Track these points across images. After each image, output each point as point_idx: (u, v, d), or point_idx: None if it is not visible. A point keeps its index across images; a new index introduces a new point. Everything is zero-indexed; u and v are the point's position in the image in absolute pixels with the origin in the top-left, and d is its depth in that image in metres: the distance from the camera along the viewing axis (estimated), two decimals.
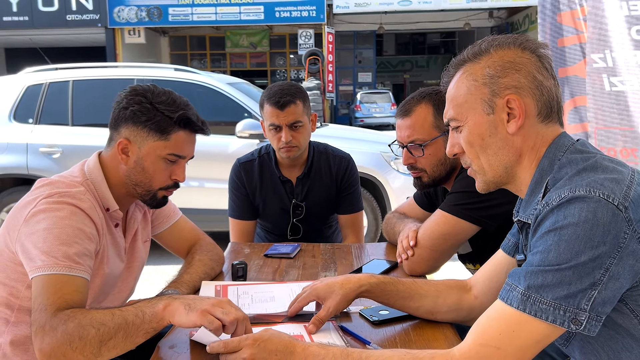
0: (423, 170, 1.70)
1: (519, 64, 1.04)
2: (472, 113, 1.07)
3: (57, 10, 16.14)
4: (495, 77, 1.04)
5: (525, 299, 0.92)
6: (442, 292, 1.29)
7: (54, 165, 4.49)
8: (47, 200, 1.28)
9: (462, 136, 1.10)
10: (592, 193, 0.90)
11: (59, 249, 1.21)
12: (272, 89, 2.08)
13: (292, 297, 1.41)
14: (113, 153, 1.42)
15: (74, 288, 1.20)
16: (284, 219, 2.23)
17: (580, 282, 0.89)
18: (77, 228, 1.27)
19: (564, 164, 1.00)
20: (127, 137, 1.39)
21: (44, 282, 1.18)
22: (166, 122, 1.38)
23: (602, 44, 2.59)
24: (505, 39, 1.07)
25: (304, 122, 2.08)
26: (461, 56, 1.11)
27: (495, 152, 1.07)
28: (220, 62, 20.18)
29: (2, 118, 4.64)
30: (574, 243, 0.89)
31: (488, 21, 19.68)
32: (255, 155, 2.25)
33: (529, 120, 1.04)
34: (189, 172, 1.52)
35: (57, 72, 4.83)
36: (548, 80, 1.04)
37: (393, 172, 4.49)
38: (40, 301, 1.15)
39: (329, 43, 17.10)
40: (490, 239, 1.50)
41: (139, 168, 1.41)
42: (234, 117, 4.62)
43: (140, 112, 1.37)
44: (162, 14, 16.53)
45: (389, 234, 1.94)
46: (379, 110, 18.47)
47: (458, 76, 1.10)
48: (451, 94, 1.12)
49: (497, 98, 1.04)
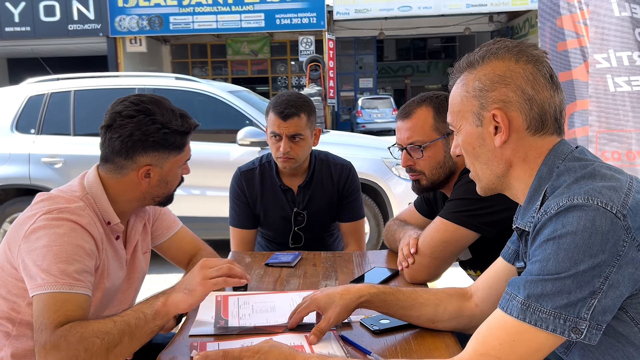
0: (422, 173, 1.70)
1: (509, 78, 1.03)
2: (464, 122, 1.10)
3: (58, 20, 16.22)
4: (483, 90, 1.05)
5: (525, 308, 0.92)
6: (443, 300, 1.29)
7: (56, 175, 4.51)
8: (47, 217, 1.27)
9: (459, 141, 1.13)
10: (591, 201, 0.90)
11: (58, 267, 1.21)
12: (279, 98, 2.10)
13: (293, 306, 1.41)
14: (129, 179, 1.41)
15: (76, 305, 1.20)
16: (285, 228, 2.23)
17: (580, 291, 0.88)
18: (77, 245, 1.26)
19: (562, 172, 1.00)
20: (149, 164, 1.40)
21: (44, 301, 1.18)
22: (183, 139, 1.43)
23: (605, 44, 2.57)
24: (502, 46, 1.06)
25: (305, 136, 2.08)
26: (460, 62, 1.12)
27: (486, 161, 1.09)
28: (221, 69, 20.23)
29: (4, 128, 4.66)
30: (573, 252, 0.88)
31: (488, 25, 19.71)
32: (257, 163, 2.25)
33: (517, 134, 1.04)
34: (191, 180, 1.55)
35: (59, 82, 4.86)
36: (543, 92, 1.03)
37: (395, 177, 4.49)
38: (41, 321, 1.16)
39: (330, 49, 17.12)
40: (490, 246, 1.50)
41: (162, 184, 1.45)
42: (235, 124, 4.63)
43: (162, 140, 1.38)
44: (163, 23, 16.59)
45: (390, 241, 1.94)
46: (381, 116, 18.46)
47: (458, 82, 1.12)
48: (451, 99, 1.14)
49: (485, 111, 1.05)
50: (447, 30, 19.59)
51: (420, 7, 17.07)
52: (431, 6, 17.02)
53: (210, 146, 4.59)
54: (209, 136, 4.73)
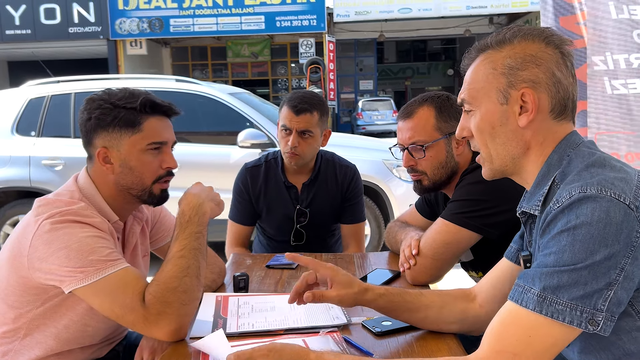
0: (423, 173, 1.70)
1: (540, 59, 1.03)
2: (486, 100, 1.07)
3: (59, 23, 16.24)
4: (514, 69, 1.04)
5: (542, 300, 0.91)
6: (448, 302, 1.28)
7: (56, 177, 4.50)
8: (51, 221, 1.26)
9: (473, 121, 1.10)
10: (604, 192, 0.90)
11: (89, 260, 1.22)
12: (295, 94, 2.13)
13: (293, 307, 1.40)
14: (97, 167, 1.40)
15: (133, 276, 1.25)
16: (287, 225, 2.23)
17: (597, 282, 0.88)
18: (94, 236, 1.27)
19: (572, 159, 1.00)
20: (103, 146, 1.37)
21: (106, 288, 1.21)
22: (132, 114, 1.36)
23: (602, 47, 2.57)
24: (531, 30, 1.06)
25: (315, 134, 2.10)
26: (484, 41, 1.10)
27: (504, 142, 1.07)
28: (221, 72, 20.24)
29: (5, 131, 4.66)
30: (588, 242, 0.88)
31: (488, 27, 19.70)
32: (262, 160, 2.28)
33: (541, 115, 1.04)
34: (191, 182, 1.51)
35: (59, 84, 4.85)
36: (567, 78, 1.04)
37: (395, 179, 4.48)
38: (122, 303, 1.21)
39: (330, 51, 17.14)
40: (492, 247, 1.49)
41: (126, 170, 1.38)
42: (235, 127, 4.62)
43: (103, 115, 1.35)
44: (163, 25, 16.61)
45: (391, 242, 1.93)
46: (381, 118, 18.46)
47: (478, 61, 1.10)
48: (468, 77, 1.11)
49: (513, 90, 1.04)
50: (447, 32, 19.59)
51: (421, 9, 17.09)
52: (431, 8, 17.04)
53: (210, 148, 4.60)
54: (209, 138, 4.73)
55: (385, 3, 17.00)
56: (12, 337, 1.33)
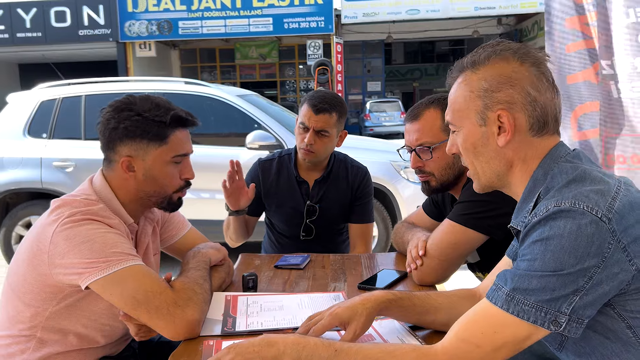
0: (431, 174, 1.72)
1: (515, 80, 1.05)
2: (467, 122, 1.10)
3: (69, 25, 16.40)
4: (489, 91, 1.06)
5: (510, 299, 0.95)
6: (456, 303, 1.29)
7: (67, 179, 4.55)
8: (71, 219, 1.28)
9: (458, 140, 1.14)
10: (577, 206, 0.92)
11: (111, 251, 1.27)
12: (317, 93, 2.17)
13: (301, 306, 1.41)
14: (118, 173, 1.42)
15: (152, 271, 1.31)
16: (296, 220, 2.27)
17: (564, 289, 0.92)
18: (114, 233, 1.31)
19: (555, 174, 1.03)
20: (128, 155, 1.39)
21: (124, 280, 1.25)
22: (161, 128, 1.39)
23: (609, 51, 2.58)
24: (505, 48, 1.08)
25: (331, 134, 2.14)
26: (462, 62, 1.13)
27: (487, 160, 1.10)
28: (230, 74, 20.33)
29: (17, 133, 4.72)
30: (559, 253, 0.91)
31: (497, 28, 19.66)
32: (276, 155, 2.34)
33: (520, 134, 1.06)
34: (200, 183, 1.54)
35: (70, 87, 4.90)
36: (545, 93, 1.05)
37: (403, 181, 4.49)
38: (145, 291, 1.25)
39: (338, 53, 17.17)
40: (498, 248, 1.50)
41: (149, 179, 1.42)
42: (243, 128, 4.66)
43: (133, 127, 1.37)
44: (172, 28, 16.73)
45: (398, 243, 1.95)
46: (389, 119, 18.46)
47: (458, 81, 1.12)
48: (451, 98, 1.15)
49: (490, 112, 1.06)
50: (455, 33, 19.55)
51: (428, 10, 17.07)
52: (439, 9, 17.02)
53: (219, 150, 4.62)
54: (218, 140, 4.75)
55: (393, 4, 17.01)
56: (30, 334, 1.36)
